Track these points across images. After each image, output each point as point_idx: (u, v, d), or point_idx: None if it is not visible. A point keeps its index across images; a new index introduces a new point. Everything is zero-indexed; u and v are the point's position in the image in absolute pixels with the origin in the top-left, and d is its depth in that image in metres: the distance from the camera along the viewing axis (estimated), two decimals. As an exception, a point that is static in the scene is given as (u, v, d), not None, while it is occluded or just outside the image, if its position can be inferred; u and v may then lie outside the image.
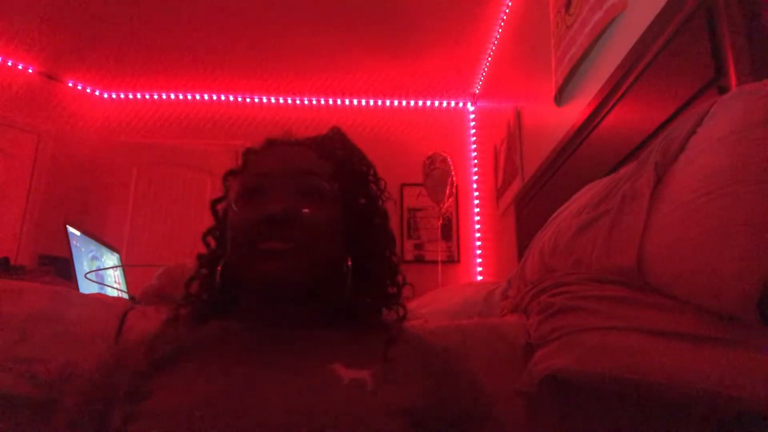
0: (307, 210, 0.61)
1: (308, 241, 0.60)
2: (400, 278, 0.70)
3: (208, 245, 0.70)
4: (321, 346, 0.60)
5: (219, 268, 0.65)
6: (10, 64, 3.49)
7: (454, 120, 4.00)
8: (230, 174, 0.71)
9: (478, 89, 3.81)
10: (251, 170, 0.67)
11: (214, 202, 0.71)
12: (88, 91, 3.88)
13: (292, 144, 0.71)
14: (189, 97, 3.95)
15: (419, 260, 3.69)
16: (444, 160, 3.15)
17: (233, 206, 0.64)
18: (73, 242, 1.64)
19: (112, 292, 1.71)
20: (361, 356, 0.58)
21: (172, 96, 3.95)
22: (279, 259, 0.59)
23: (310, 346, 0.60)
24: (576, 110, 1.83)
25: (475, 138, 3.91)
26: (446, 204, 3.23)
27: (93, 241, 1.82)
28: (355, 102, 3.99)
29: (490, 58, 3.42)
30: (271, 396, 0.53)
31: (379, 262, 0.68)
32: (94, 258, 1.78)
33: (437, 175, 3.13)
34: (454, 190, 3.31)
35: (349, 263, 0.64)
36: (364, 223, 0.68)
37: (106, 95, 3.95)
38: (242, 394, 0.53)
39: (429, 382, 0.58)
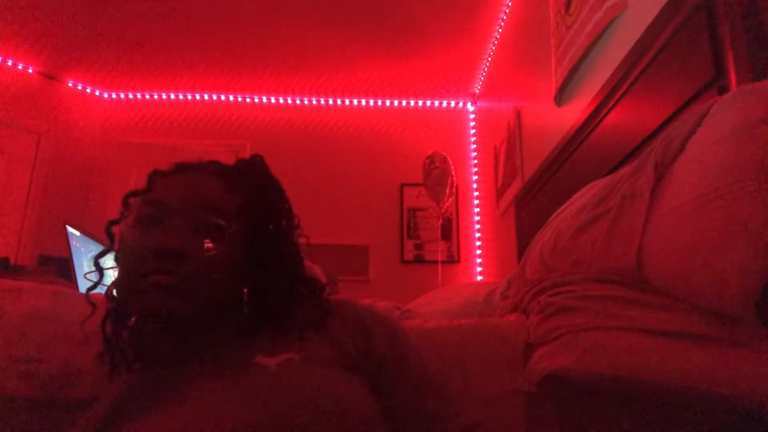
0: (201, 246, 0.60)
1: (198, 277, 0.59)
2: (316, 286, 0.71)
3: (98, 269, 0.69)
4: (237, 351, 0.61)
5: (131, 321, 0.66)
6: (10, 64, 3.49)
7: (454, 120, 4.00)
8: (131, 195, 0.67)
9: (478, 89, 3.81)
10: (153, 196, 0.64)
11: (111, 223, 0.68)
12: (88, 91, 3.88)
13: (202, 172, 0.67)
14: (189, 97, 3.95)
15: (419, 260, 3.69)
16: (444, 160, 3.16)
17: (127, 232, 0.62)
18: (73, 242, 1.64)
19: (112, 292, 1.70)
20: (281, 342, 0.61)
21: (172, 96, 3.95)
22: (164, 293, 0.57)
23: (229, 355, 0.61)
24: (576, 110, 1.83)
25: (475, 138, 3.91)
26: (446, 203, 3.24)
27: (93, 241, 1.82)
28: (355, 102, 4.00)
29: (490, 58, 3.42)
30: (215, 415, 0.54)
31: (282, 285, 0.68)
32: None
33: (437, 174, 3.13)
34: (454, 190, 3.31)
35: (246, 292, 0.65)
36: (268, 258, 0.67)
37: (106, 95, 3.95)
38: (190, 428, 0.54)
39: (356, 337, 0.64)
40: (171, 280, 0.58)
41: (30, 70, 3.58)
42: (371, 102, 4.00)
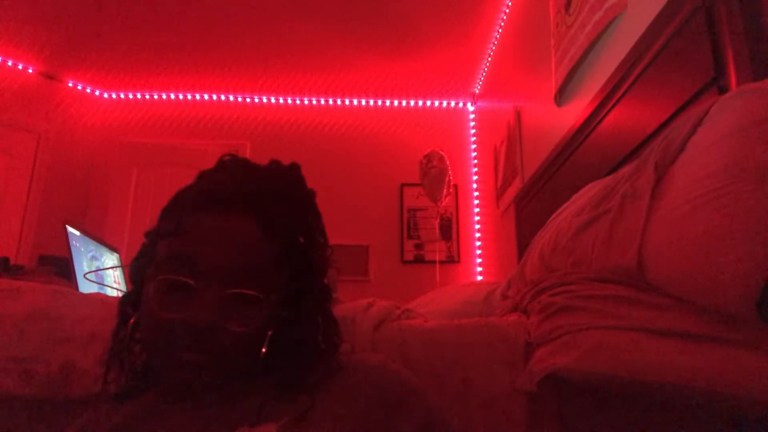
0: (236, 324, 0.53)
1: (231, 354, 0.54)
2: (336, 339, 0.61)
3: (123, 314, 0.62)
4: (226, 412, 0.55)
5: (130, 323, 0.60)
6: (10, 64, 3.49)
7: (454, 120, 4.00)
8: (154, 235, 0.60)
9: (478, 89, 3.81)
10: (184, 249, 0.55)
11: (136, 263, 0.62)
12: (88, 91, 3.88)
13: (237, 210, 0.56)
14: (189, 97, 3.96)
15: (419, 260, 3.69)
16: (441, 159, 3.15)
17: (152, 291, 0.54)
18: (73, 242, 1.64)
19: (112, 292, 1.71)
20: (274, 408, 0.53)
21: (172, 96, 3.95)
22: (196, 371, 0.53)
23: (215, 414, 0.55)
24: (576, 110, 1.83)
25: (475, 138, 3.91)
26: (444, 202, 3.24)
27: (92, 241, 1.82)
28: (355, 102, 4.00)
29: (490, 58, 3.42)
30: None
31: (304, 345, 0.59)
32: (94, 258, 1.78)
33: (434, 173, 3.13)
34: (451, 189, 3.31)
35: (264, 351, 0.56)
36: (299, 316, 0.59)
37: (106, 95, 3.95)
38: None
39: (373, 412, 0.52)
40: (202, 360, 0.52)
41: (30, 70, 3.58)
42: (371, 102, 4.00)
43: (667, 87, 1.22)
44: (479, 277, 3.53)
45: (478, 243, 3.68)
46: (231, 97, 3.96)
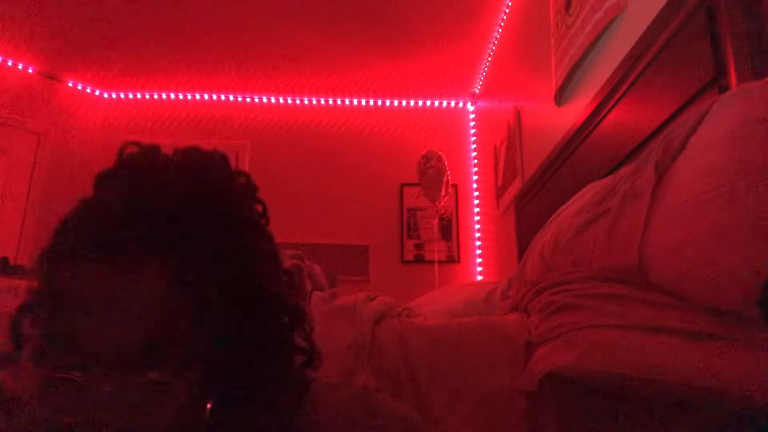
0: (141, 380, 0.38)
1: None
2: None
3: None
4: None
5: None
6: (10, 64, 3.49)
7: (454, 120, 4.01)
8: (25, 309, 0.43)
9: (478, 89, 3.81)
10: (61, 338, 0.39)
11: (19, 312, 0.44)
12: (88, 91, 3.88)
13: (128, 263, 0.39)
14: (189, 97, 3.95)
15: (419, 260, 3.69)
16: (439, 159, 3.16)
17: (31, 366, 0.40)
18: (73, 242, 1.64)
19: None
20: None
21: (172, 96, 3.95)
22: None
23: None
24: (576, 110, 1.83)
25: (475, 138, 3.91)
26: (442, 202, 3.24)
27: (93, 241, 1.82)
28: (355, 102, 4.00)
29: (490, 58, 3.42)
30: None
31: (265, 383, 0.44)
32: (94, 257, 1.78)
33: (432, 173, 3.13)
34: (450, 189, 3.31)
35: (208, 410, 0.41)
36: (243, 350, 0.43)
37: (106, 95, 3.95)
38: None
39: None
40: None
41: (30, 70, 3.58)
42: (371, 102, 4.00)
43: (667, 87, 1.22)
44: (479, 277, 3.53)
45: (478, 243, 3.68)
46: (231, 97, 3.96)
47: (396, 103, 4.00)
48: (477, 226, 3.71)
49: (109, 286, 0.39)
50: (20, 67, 3.54)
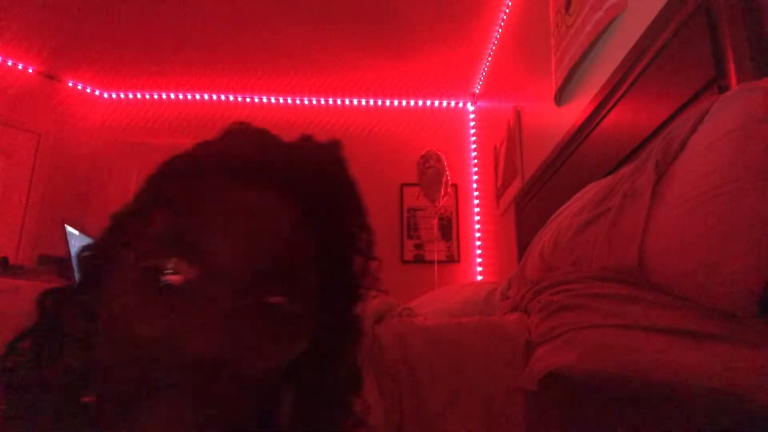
0: (254, 354, 0.34)
1: (239, 398, 0.34)
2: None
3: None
4: None
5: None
6: (10, 64, 3.49)
7: (454, 120, 4.01)
8: (136, 211, 0.39)
9: (478, 89, 3.81)
10: (172, 228, 0.35)
11: (83, 252, 0.40)
12: (88, 91, 3.88)
13: (266, 183, 0.38)
14: (189, 97, 3.95)
15: (419, 260, 3.69)
16: (438, 159, 3.16)
17: (121, 297, 0.34)
18: (72, 242, 1.64)
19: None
20: None
21: (172, 96, 3.95)
22: (182, 417, 0.32)
23: None
24: (576, 110, 1.83)
25: (475, 138, 3.91)
26: (441, 202, 3.24)
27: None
28: (355, 102, 4.00)
29: (490, 58, 3.42)
30: None
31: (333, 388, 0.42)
32: (94, 257, 1.78)
33: (431, 173, 3.13)
34: (449, 189, 3.31)
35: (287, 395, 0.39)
36: (328, 341, 0.41)
37: (106, 95, 3.95)
38: None
39: None
40: (196, 404, 0.32)
41: (30, 70, 3.58)
42: (371, 102, 4.00)
43: (667, 87, 1.22)
44: (479, 277, 3.53)
45: (478, 243, 3.68)
46: (231, 97, 3.96)
47: (396, 103, 4.00)
48: (477, 226, 3.71)
49: (249, 205, 0.36)
50: (20, 67, 3.53)
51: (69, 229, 1.65)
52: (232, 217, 0.36)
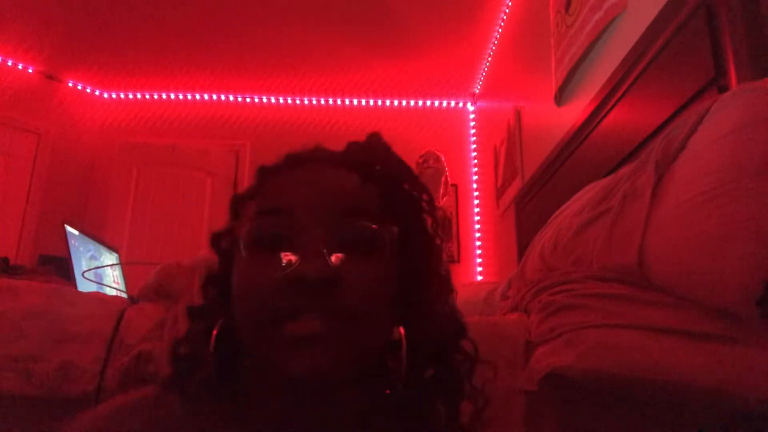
0: (359, 267, 0.42)
1: (357, 316, 0.41)
2: (466, 343, 0.49)
3: (206, 296, 0.50)
4: None
5: (213, 335, 0.44)
6: (10, 64, 3.49)
7: (454, 120, 4.00)
8: (240, 199, 0.49)
9: (478, 89, 3.81)
10: (273, 202, 0.45)
11: (217, 237, 0.49)
12: (88, 91, 3.88)
13: (326, 162, 0.49)
14: (189, 97, 3.95)
15: (419, 260, 3.69)
16: (437, 159, 3.15)
17: (243, 252, 0.43)
18: (72, 242, 1.64)
19: (111, 292, 1.70)
20: None
21: (172, 96, 3.95)
22: (316, 347, 0.39)
23: None
24: (576, 110, 1.83)
25: (475, 138, 3.91)
26: (441, 203, 3.23)
27: (92, 241, 1.82)
28: (355, 102, 3.99)
29: (490, 58, 3.42)
30: None
31: (439, 325, 0.48)
32: (93, 258, 1.78)
33: (430, 173, 3.12)
34: (449, 189, 3.30)
35: (402, 332, 0.45)
36: (421, 271, 0.49)
37: (106, 95, 3.95)
38: None
39: None
40: (321, 328, 0.39)
41: (30, 70, 3.58)
42: (371, 102, 4.00)
43: (667, 87, 1.21)
44: (479, 277, 3.53)
45: (478, 243, 3.68)
46: (231, 97, 3.96)
47: (396, 103, 4.00)
48: (477, 226, 3.71)
49: (319, 178, 0.47)
50: (20, 67, 3.53)
51: (69, 229, 1.65)
52: (310, 187, 0.45)
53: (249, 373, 0.46)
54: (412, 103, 4.00)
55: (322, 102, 3.99)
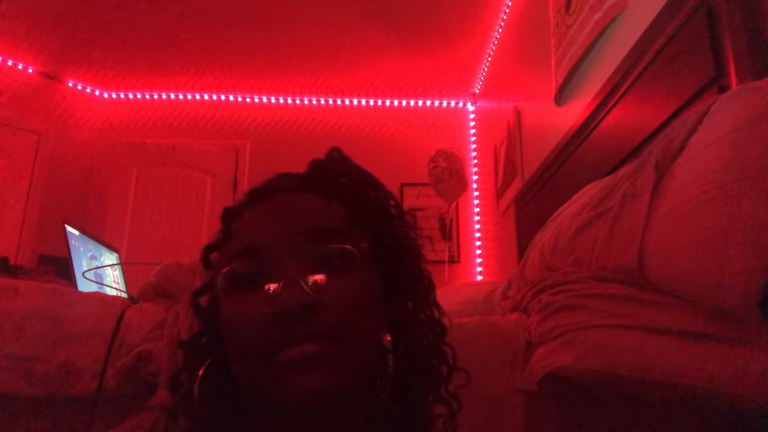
0: (333, 288, 0.43)
1: (346, 334, 0.42)
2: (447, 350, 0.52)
3: (192, 354, 0.49)
4: None
5: (199, 375, 0.45)
6: (10, 64, 3.49)
7: (454, 120, 4.00)
8: (211, 250, 0.50)
9: (478, 89, 3.81)
10: (240, 242, 0.46)
11: (196, 294, 0.50)
12: (88, 91, 3.88)
13: (287, 190, 0.49)
14: (189, 97, 3.95)
15: (419, 260, 3.69)
16: (447, 157, 3.08)
17: (224, 298, 0.45)
18: (72, 242, 1.64)
19: (111, 292, 1.70)
20: None
21: (172, 96, 3.95)
22: (314, 369, 0.40)
23: None
24: (576, 110, 1.83)
25: (475, 138, 3.91)
26: (452, 204, 3.20)
27: (92, 241, 1.82)
28: (356, 102, 3.99)
29: (490, 58, 3.42)
30: None
31: (423, 328, 0.50)
32: (93, 258, 1.78)
33: (437, 173, 3.08)
34: (466, 185, 3.23)
35: (389, 339, 0.46)
36: (398, 274, 0.50)
37: (106, 95, 3.95)
38: None
39: None
40: (315, 350, 0.41)
41: (30, 70, 3.58)
42: (371, 102, 4.00)
43: (667, 87, 1.21)
44: (479, 277, 3.53)
45: (478, 243, 3.68)
46: (231, 97, 3.96)
47: (396, 103, 4.00)
48: (477, 226, 3.71)
49: (282, 206, 0.48)
50: (20, 67, 3.53)
51: (69, 229, 1.65)
52: (274, 219, 0.46)
53: (247, 403, 0.47)
54: (412, 103, 4.00)
55: (322, 102, 3.99)
